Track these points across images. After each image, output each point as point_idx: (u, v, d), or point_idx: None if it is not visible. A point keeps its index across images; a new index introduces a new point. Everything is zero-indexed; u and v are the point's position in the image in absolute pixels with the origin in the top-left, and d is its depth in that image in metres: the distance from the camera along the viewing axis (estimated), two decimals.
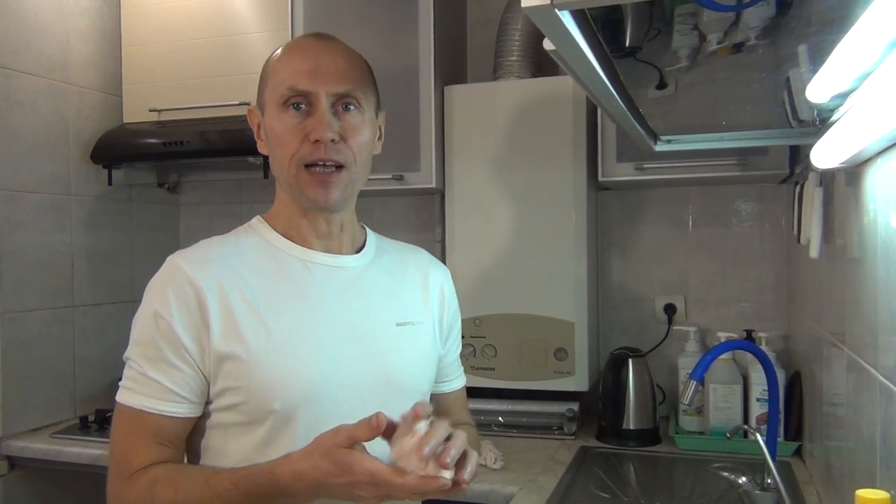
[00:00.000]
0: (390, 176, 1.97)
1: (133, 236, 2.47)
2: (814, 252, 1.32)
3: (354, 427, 0.86)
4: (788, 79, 0.96)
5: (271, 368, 0.97)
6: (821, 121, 1.11)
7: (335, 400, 1.00)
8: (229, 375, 0.97)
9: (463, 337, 1.26)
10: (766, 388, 1.59)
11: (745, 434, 1.71)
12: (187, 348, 0.97)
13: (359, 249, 1.12)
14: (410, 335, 1.10)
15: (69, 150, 2.22)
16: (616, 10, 0.74)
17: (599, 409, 1.94)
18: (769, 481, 1.45)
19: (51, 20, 2.15)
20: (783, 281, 2.02)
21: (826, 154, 1.07)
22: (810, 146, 1.17)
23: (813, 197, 1.34)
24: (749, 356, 1.76)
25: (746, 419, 1.79)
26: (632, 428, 1.87)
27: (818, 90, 0.87)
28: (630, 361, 1.90)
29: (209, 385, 0.99)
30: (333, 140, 1.00)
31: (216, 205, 2.61)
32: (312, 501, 0.92)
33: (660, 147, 1.37)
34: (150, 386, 0.97)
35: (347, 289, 1.07)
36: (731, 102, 1.14)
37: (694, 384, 1.43)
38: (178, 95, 2.29)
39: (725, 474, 1.55)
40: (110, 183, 2.30)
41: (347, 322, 1.05)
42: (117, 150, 2.26)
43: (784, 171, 1.74)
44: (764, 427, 1.62)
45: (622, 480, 1.67)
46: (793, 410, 1.74)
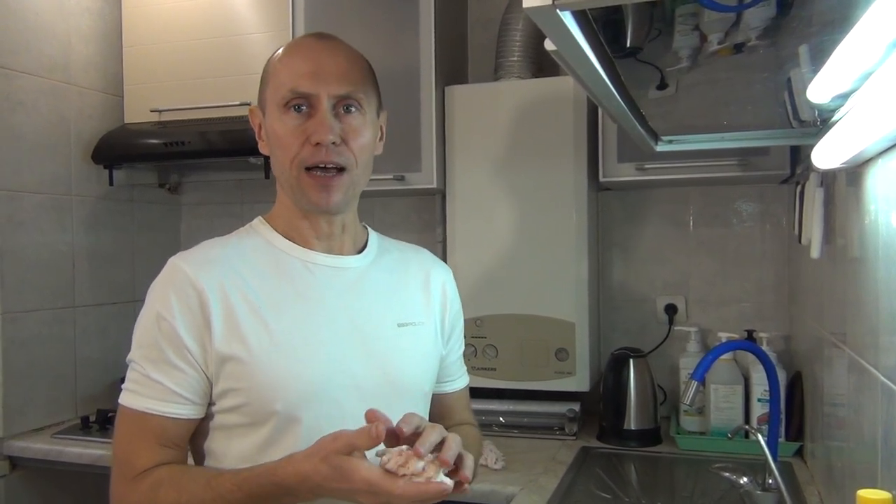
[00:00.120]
0: (391, 176, 1.97)
1: (134, 236, 2.47)
2: (815, 252, 1.32)
3: (354, 435, 0.85)
4: (789, 79, 0.95)
5: (273, 369, 0.97)
6: (822, 121, 1.11)
7: (337, 401, 1.00)
8: (231, 377, 0.97)
9: (464, 337, 1.26)
10: (768, 389, 1.59)
11: (747, 434, 1.71)
12: (189, 350, 0.97)
13: (360, 250, 1.12)
14: (412, 335, 1.10)
15: (70, 151, 2.22)
16: (617, 11, 0.74)
17: (600, 410, 1.94)
18: (770, 482, 1.45)
19: (52, 20, 2.16)
20: (784, 281, 2.02)
21: (827, 154, 1.07)
22: (811, 146, 1.17)
23: (814, 197, 1.34)
24: (750, 356, 1.76)
25: (747, 419, 1.78)
26: (633, 428, 1.87)
27: (819, 90, 0.87)
28: (631, 362, 1.90)
29: (211, 386, 0.99)
30: (335, 143, 1.00)
31: (217, 205, 2.61)
32: (315, 501, 0.92)
33: (661, 147, 1.37)
34: (153, 387, 0.97)
35: (349, 289, 1.07)
36: (732, 103, 1.14)
37: (695, 384, 1.43)
38: (179, 96, 2.29)
39: (726, 475, 1.55)
40: (111, 183, 2.30)
41: (349, 323, 1.04)
42: (118, 151, 2.27)
43: (785, 172, 1.74)
44: (765, 427, 1.62)
45: (623, 481, 1.67)
46: (794, 411, 1.74)
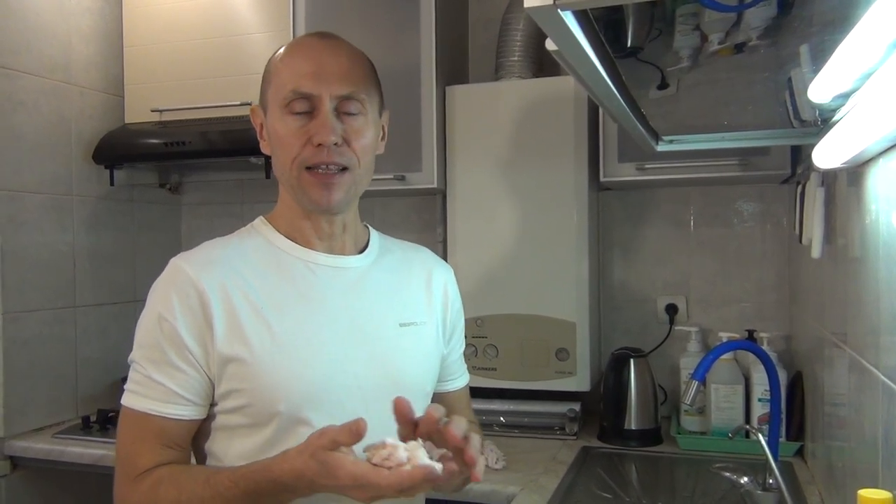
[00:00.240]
0: (392, 176, 1.97)
1: (135, 236, 2.47)
2: (815, 252, 1.32)
3: (337, 431, 0.84)
4: (790, 79, 0.95)
5: (276, 370, 0.97)
6: (822, 121, 1.11)
7: (339, 401, 1.00)
8: (233, 377, 0.97)
9: (465, 337, 1.26)
10: (768, 389, 1.59)
11: (747, 434, 1.71)
12: (191, 351, 0.97)
13: (362, 249, 1.12)
14: (414, 335, 1.10)
15: (71, 151, 2.22)
16: (618, 11, 0.74)
17: (601, 410, 1.94)
18: (771, 481, 1.46)
19: (52, 21, 2.16)
20: (785, 281, 2.01)
21: (828, 154, 1.07)
22: (812, 146, 1.17)
23: (815, 197, 1.33)
24: (751, 356, 1.76)
25: (748, 419, 1.78)
26: (633, 428, 1.87)
27: (820, 90, 0.87)
28: (632, 361, 1.90)
29: (214, 387, 0.99)
30: (336, 143, 1.00)
31: (218, 205, 2.61)
32: (312, 498, 0.91)
33: (661, 147, 1.37)
34: (155, 389, 0.97)
35: (350, 289, 1.07)
36: (733, 102, 1.14)
37: (696, 384, 1.44)
38: (180, 96, 2.29)
39: (727, 474, 1.55)
40: (112, 183, 2.30)
41: (351, 323, 1.04)
42: (119, 151, 2.27)
43: (786, 172, 1.74)
44: (766, 427, 1.62)
45: (624, 481, 1.67)
46: (794, 410, 1.74)
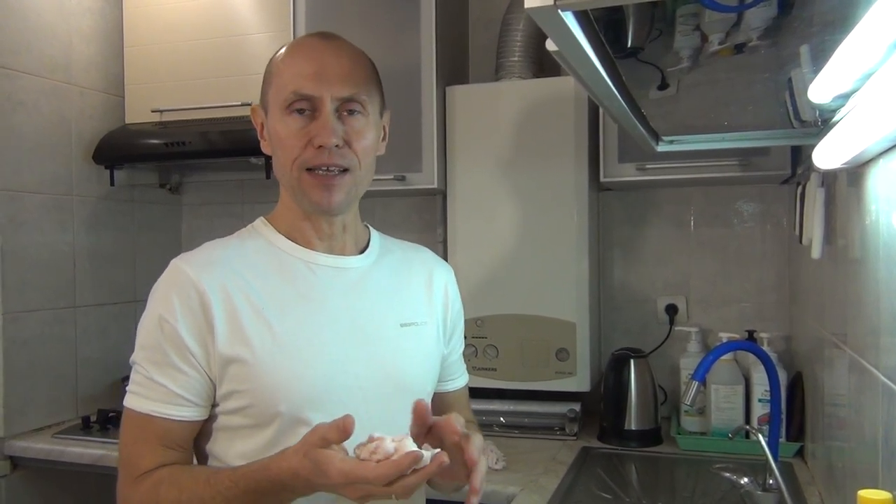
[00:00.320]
0: (392, 176, 1.97)
1: (135, 237, 2.47)
2: (815, 252, 1.32)
3: (327, 428, 0.84)
4: (790, 79, 0.95)
5: (277, 371, 0.97)
6: (822, 121, 1.11)
7: (340, 402, 1.00)
8: (235, 378, 0.97)
9: (465, 337, 1.26)
10: (768, 389, 1.59)
11: (747, 435, 1.71)
12: (192, 352, 0.97)
13: (362, 250, 1.12)
14: (414, 335, 1.10)
15: (71, 151, 2.22)
16: (618, 11, 0.74)
17: (601, 410, 1.94)
18: (771, 482, 1.46)
19: (53, 21, 2.16)
20: (785, 281, 2.01)
21: (828, 154, 1.07)
22: (812, 147, 1.17)
23: (815, 197, 1.33)
24: (751, 357, 1.76)
25: (748, 420, 1.78)
26: (633, 428, 1.87)
27: (820, 91, 0.87)
28: (632, 362, 1.90)
29: (215, 388, 0.99)
30: (338, 145, 1.00)
31: (218, 205, 2.61)
32: (311, 497, 0.92)
33: (662, 147, 1.37)
34: (157, 390, 0.97)
35: (351, 290, 1.07)
36: (733, 103, 1.14)
37: (696, 385, 1.44)
38: (180, 96, 2.29)
39: (727, 475, 1.55)
40: (112, 183, 2.30)
41: (351, 323, 1.04)
42: (119, 151, 2.27)
43: (786, 172, 1.74)
44: (766, 428, 1.62)
45: (624, 481, 1.67)
46: (794, 411, 1.74)
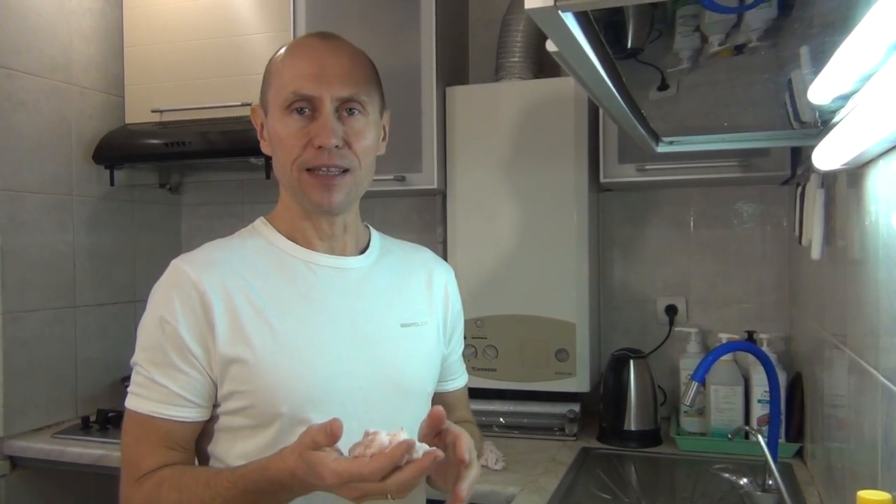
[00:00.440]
0: (392, 177, 1.97)
1: (135, 237, 2.47)
2: (815, 253, 1.32)
3: (316, 430, 0.84)
4: (790, 80, 0.95)
5: (278, 371, 0.97)
6: (822, 122, 1.11)
7: (341, 402, 0.99)
8: (236, 379, 0.97)
9: (465, 337, 1.26)
10: (768, 390, 1.59)
11: (747, 435, 1.71)
12: (193, 352, 0.97)
13: (363, 250, 1.12)
14: (415, 336, 1.10)
15: (71, 151, 2.22)
16: (618, 12, 0.74)
17: (601, 411, 1.94)
18: (770, 482, 1.45)
19: (53, 21, 2.16)
20: (784, 282, 2.02)
21: (828, 155, 1.07)
22: (812, 148, 1.18)
23: (814, 198, 1.34)
24: (750, 357, 1.76)
25: (748, 420, 1.78)
26: (633, 429, 1.87)
27: (820, 92, 0.87)
28: (631, 362, 1.90)
29: (216, 388, 0.99)
30: (338, 146, 1.00)
31: (218, 205, 2.61)
32: (310, 498, 0.92)
33: (661, 148, 1.37)
34: (158, 391, 0.97)
35: (351, 290, 1.07)
36: (733, 104, 1.14)
37: (695, 385, 1.44)
38: (180, 96, 2.29)
39: (727, 475, 1.55)
40: (112, 183, 2.30)
41: (352, 324, 1.04)
42: (119, 151, 2.27)
43: (785, 173, 1.74)
44: (765, 428, 1.62)
45: (623, 481, 1.67)
46: (794, 412, 1.74)
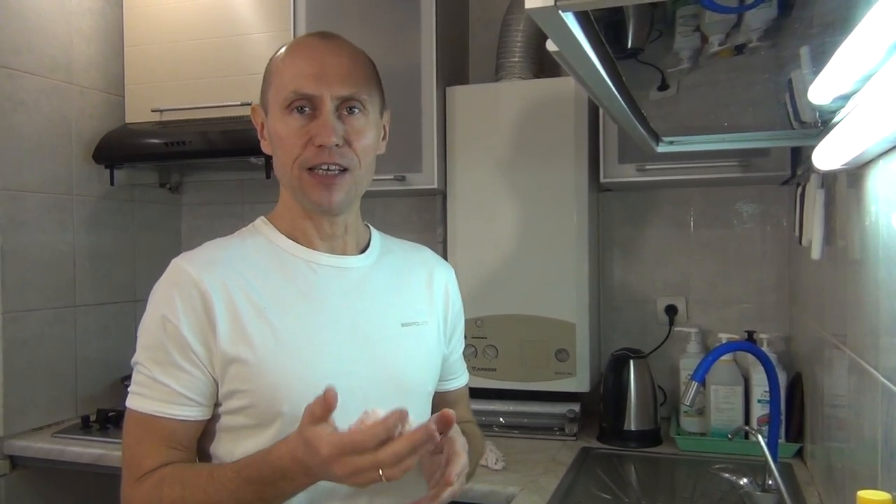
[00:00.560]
0: (392, 177, 1.97)
1: (135, 236, 2.47)
2: (815, 253, 1.32)
3: (313, 403, 0.86)
4: (790, 80, 0.95)
5: (278, 370, 0.97)
6: (822, 122, 1.11)
7: (341, 402, 0.99)
8: (237, 378, 0.97)
9: (465, 337, 1.26)
10: (768, 390, 1.59)
11: (747, 435, 1.71)
12: (195, 351, 0.97)
13: (363, 249, 1.12)
14: (415, 335, 1.10)
15: (71, 150, 2.22)
16: (618, 12, 0.74)
17: (601, 410, 1.94)
18: (770, 482, 1.45)
19: (53, 21, 2.16)
20: (785, 282, 2.02)
21: (828, 156, 1.07)
22: (812, 148, 1.17)
23: (815, 198, 1.34)
24: (750, 357, 1.76)
25: (748, 420, 1.78)
26: (633, 429, 1.87)
27: (820, 92, 0.87)
28: (631, 362, 1.90)
29: (218, 387, 0.99)
30: (338, 145, 1.00)
31: (218, 205, 2.61)
32: (310, 498, 0.92)
33: (662, 148, 1.37)
34: (160, 390, 0.97)
35: (352, 290, 1.07)
36: (733, 104, 1.14)
37: (695, 385, 1.44)
38: (181, 96, 2.29)
39: (727, 475, 1.55)
40: (112, 183, 2.30)
41: (352, 323, 1.04)
42: (119, 151, 2.27)
43: (786, 173, 1.74)
44: (765, 428, 1.62)
45: (623, 481, 1.67)
46: (794, 412, 1.74)
